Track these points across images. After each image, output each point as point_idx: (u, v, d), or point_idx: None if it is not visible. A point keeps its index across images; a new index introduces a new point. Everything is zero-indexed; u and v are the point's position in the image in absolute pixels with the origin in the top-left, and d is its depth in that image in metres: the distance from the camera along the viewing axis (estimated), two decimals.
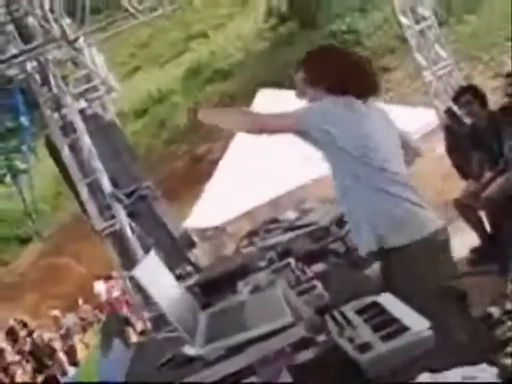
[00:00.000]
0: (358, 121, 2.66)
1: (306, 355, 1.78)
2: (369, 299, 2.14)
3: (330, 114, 2.64)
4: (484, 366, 1.54)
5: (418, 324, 1.79)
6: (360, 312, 2.06)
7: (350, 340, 1.85)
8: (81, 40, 6.90)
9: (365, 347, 1.77)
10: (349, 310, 2.11)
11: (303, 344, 1.79)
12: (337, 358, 1.79)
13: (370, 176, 2.63)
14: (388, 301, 2.07)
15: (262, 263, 3.52)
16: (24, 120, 6.87)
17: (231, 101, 17.21)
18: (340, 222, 4.51)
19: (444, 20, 13.73)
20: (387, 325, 1.86)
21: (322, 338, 1.84)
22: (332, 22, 16.99)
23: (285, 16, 19.21)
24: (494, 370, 1.52)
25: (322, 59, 2.84)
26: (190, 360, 1.87)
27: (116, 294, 11.57)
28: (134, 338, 7.38)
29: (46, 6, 6.33)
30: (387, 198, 2.62)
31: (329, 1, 18.29)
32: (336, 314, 2.09)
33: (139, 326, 7.99)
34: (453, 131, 6.05)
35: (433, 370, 1.56)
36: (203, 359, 1.70)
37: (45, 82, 6.57)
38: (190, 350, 1.81)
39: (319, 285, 2.56)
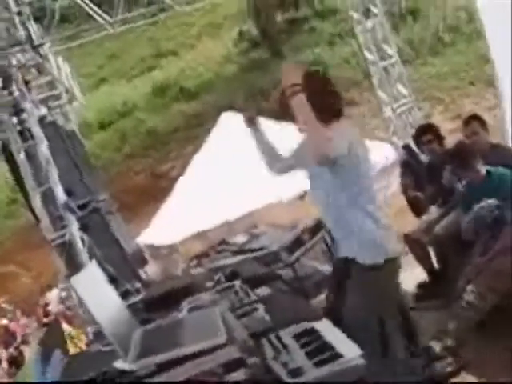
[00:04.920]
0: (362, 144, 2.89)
1: (236, 376, 1.78)
2: (307, 325, 2.16)
3: (355, 138, 2.80)
4: None
5: (350, 351, 1.82)
6: (297, 337, 2.08)
7: (284, 364, 1.87)
8: (46, 46, 6.84)
9: (297, 372, 1.79)
10: (286, 334, 2.12)
11: (234, 365, 1.78)
12: (268, 380, 1.80)
13: (366, 198, 2.84)
14: (325, 327, 2.10)
15: (209, 284, 3.51)
16: None
17: (196, 121, 17.21)
18: (290, 248, 4.55)
19: (410, 59, 14.10)
20: (321, 351, 1.88)
21: (253, 360, 1.84)
22: (301, 52, 17.23)
23: (256, 42, 19.41)
24: None
25: (321, 84, 2.87)
26: (121, 375, 1.85)
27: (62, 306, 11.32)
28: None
29: (14, 9, 6.27)
30: (371, 219, 2.82)
31: (299, 31, 18.62)
32: (273, 337, 2.10)
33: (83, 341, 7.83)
34: (409, 167, 6.16)
35: None
36: (134, 374, 1.68)
37: (6, 85, 6.47)
38: (121, 365, 1.78)
39: (261, 308, 2.56)
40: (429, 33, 15.90)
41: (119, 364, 1.79)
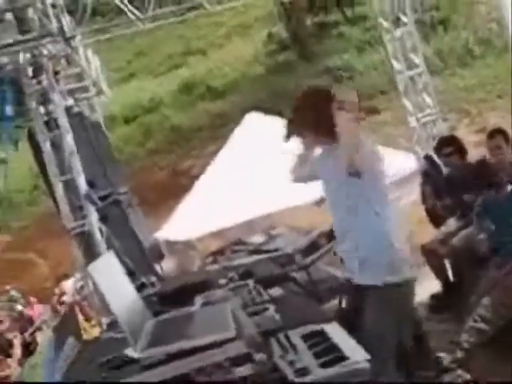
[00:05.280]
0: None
1: (242, 371, 1.81)
2: (316, 327, 2.19)
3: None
4: None
5: (357, 355, 1.84)
6: (305, 338, 2.11)
7: (291, 363, 1.90)
8: (77, 38, 6.94)
9: (303, 371, 1.82)
10: (295, 334, 2.15)
11: (241, 360, 1.82)
12: (274, 378, 1.83)
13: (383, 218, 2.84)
14: (334, 330, 2.12)
15: (223, 281, 3.55)
16: (8, 110, 6.84)
17: (221, 121, 17.29)
18: (305, 252, 4.56)
19: (438, 70, 14.02)
20: (328, 352, 1.91)
21: (260, 356, 1.87)
22: (329, 57, 17.23)
23: (285, 44, 19.47)
24: None
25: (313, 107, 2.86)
26: (130, 362, 1.89)
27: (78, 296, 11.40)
28: None
29: (48, 1, 6.37)
30: (386, 241, 2.83)
31: (328, 36, 18.61)
32: (282, 337, 2.13)
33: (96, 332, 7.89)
34: (429, 178, 6.15)
35: None
36: (142, 362, 1.72)
37: (36, 74, 6.57)
38: (131, 353, 1.83)
39: (272, 308, 2.59)
40: (459, 44, 15.81)
41: (129, 352, 1.84)
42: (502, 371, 3.73)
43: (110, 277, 2.00)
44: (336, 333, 2.08)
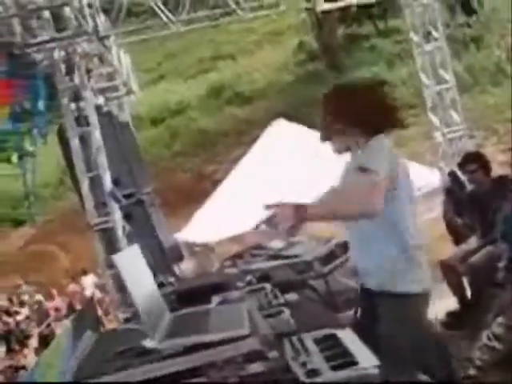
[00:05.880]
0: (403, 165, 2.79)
1: (255, 367, 1.86)
2: (329, 331, 2.22)
3: (395, 161, 2.70)
4: None
5: (367, 360, 1.88)
6: (318, 341, 2.15)
7: (303, 365, 1.94)
8: (111, 39, 7.08)
9: (314, 373, 1.86)
10: (308, 337, 2.19)
11: (254, 356, 1.87)
12: (285, 378, 1.87)
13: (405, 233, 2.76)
14: (347, 336, 2.16)
15: (240, 284, 3.59)
16: (41, 105, 7.01)
17: (247, 126, 17.38)
18: (324, 260, 4.59)
19: (468, 87, 13.94)
20: (339, 357, 1.95)
21: (273, 354, 1.92)
22: (358, 69, 17.24)
23: (314, 54, 19.53)
24: None
25: (352, 99, 2.76)
26: (147, 352, 1.95)
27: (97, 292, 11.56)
28: None
29: (84, 0, 6.52)
30: (405, 253, 2.76)
31: (359, 48, 18.64)
32: (295, 339, 2.17)
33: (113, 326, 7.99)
34: (453, 194, 6.14)
35: None
36: (159, 353, 1.77)
37: (69, 71, 6.72)
38: (148, 343, 1.89)
39: (287, 311, 2.63)
40: (491, 62, 15.72)
41: (146, 342, 1.90)
42: None
43: (134, 268, 2.06)
44: (348, 338, 2.12)
